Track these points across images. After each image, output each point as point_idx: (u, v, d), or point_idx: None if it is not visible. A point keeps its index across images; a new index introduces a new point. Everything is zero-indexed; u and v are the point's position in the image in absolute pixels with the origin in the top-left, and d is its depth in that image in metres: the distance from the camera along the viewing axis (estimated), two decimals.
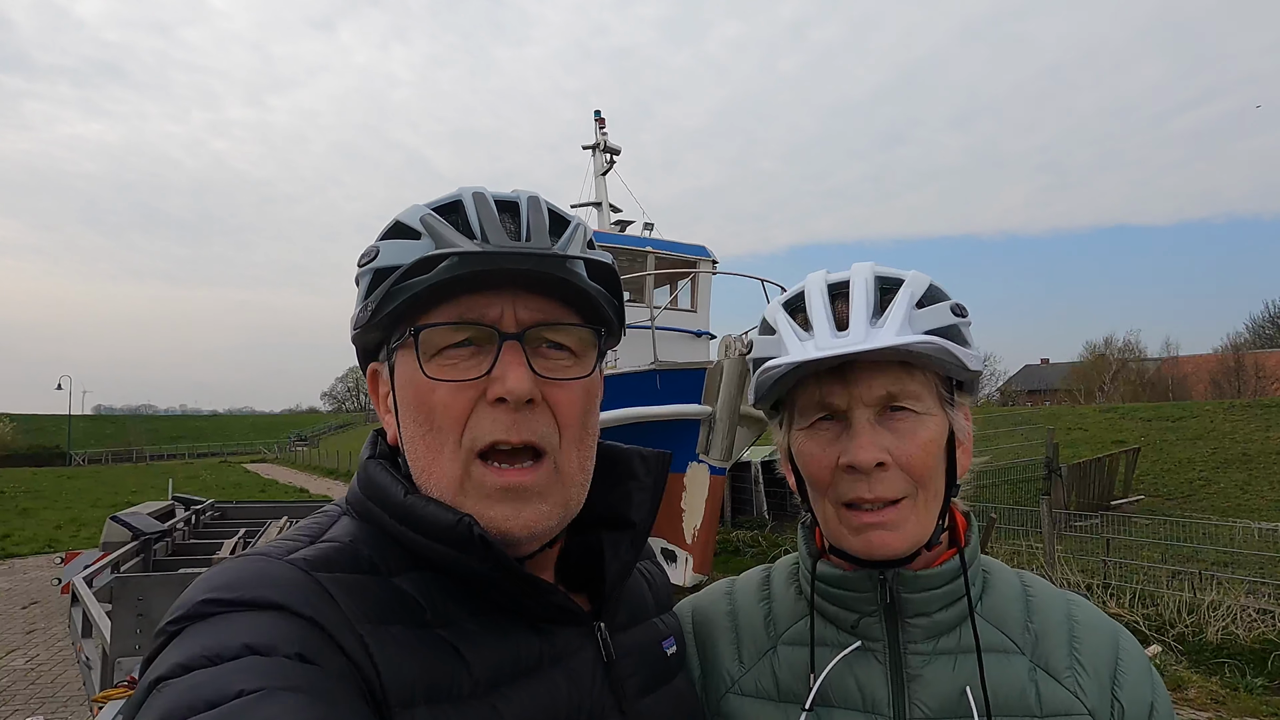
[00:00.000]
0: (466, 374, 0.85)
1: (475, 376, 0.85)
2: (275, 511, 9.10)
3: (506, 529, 0.85)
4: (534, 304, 0.88)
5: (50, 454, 64.26)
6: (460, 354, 0.86)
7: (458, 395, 0.85)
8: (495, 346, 0.86)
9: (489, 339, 0.86)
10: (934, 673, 1.00)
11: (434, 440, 0.86)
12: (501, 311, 0.86)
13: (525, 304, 0.87)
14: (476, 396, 0.85)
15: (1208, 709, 6.40)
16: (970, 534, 1.06)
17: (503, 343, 0.85)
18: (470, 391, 0.85)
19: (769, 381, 1.01)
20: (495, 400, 0.84)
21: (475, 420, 0.85)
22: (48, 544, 16.68)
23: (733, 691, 1.10)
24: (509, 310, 0.86)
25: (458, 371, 0.85)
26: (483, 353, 0.86)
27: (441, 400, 0.85)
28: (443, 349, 0.86)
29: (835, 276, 1.05)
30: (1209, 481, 16.40)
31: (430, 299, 0.85)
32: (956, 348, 0.97)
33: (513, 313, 0.87)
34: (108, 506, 19.49)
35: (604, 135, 15.66)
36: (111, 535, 6.82)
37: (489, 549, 0.82)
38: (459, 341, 0.86)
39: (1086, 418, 23.60)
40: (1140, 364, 50.13)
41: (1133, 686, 1.00)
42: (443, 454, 0.86)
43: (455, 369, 0.85)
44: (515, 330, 0.86)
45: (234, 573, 0.77)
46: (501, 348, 0.85)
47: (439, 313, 0.86)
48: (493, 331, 0.86)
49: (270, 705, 0.63)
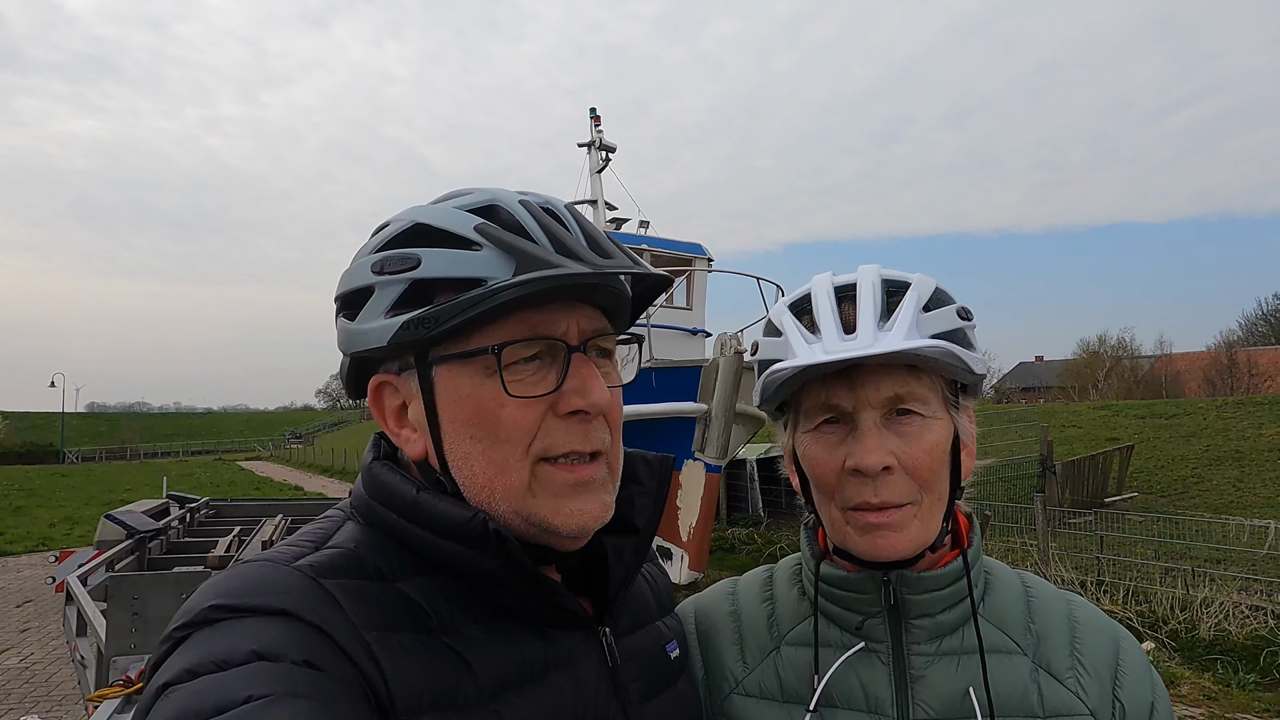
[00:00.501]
0: (536, 389, 0.85)
1: (547, 391, 0.85)
2: (270, 510, 9.06)
3: (581, 523, 0.87)
4: (591, 315, 0.90)
5: (44, 452, 63.99)
6: (528, 369, 0.85)
7: (528, 410, 0.85)
8: (560, 360, 0.86)
9: (552, 351, 0.86)
10: (937, 674, 1.00)
11: (498, 454, 0.85)
12: (567, 325, 0.87)
13: (585, 315, 0.89)
14: (546, 409, 0.85)
15: (1200, 705, 6.44)
16: (973, 535, 1.06)
17: (570, 355, 0.86)
18: (541, 406, 0.85)
19: (775, 384, 1.01)
20: (569, 413, 0.85)
21: (545, 432, 0.85)
22: (42, 542, 16.62)
23: (736, 692, 1.10)
24: (573, 323, 0.87)
25: (528, 386, 0.85)
26: (546, 366, 0.86)
27: (512, 416, 0.84)
28: (510, 364, 0.84)
29: (842, 279, 1.05)
30: (1202, 479, 16.48)
31: (495, 314, 0.82)
32: (963, 351, 0.97)
33: (576, 325, 0.87)
34: (102, 504, 19.44)
35: (599, 132, 15.64)
36: (106, 533, 6.78)
37: (503, 544, 0.82)
38: (529, 356, 0.85)
39: (1080, 415, 23.69)
40: (1134, 361, 50.33)
41: (1133, 687, 1.00)
42: (509, 465, 0.85)
43: (525, 384, 0.85)
44: (578, 343, 0.87)
45: (240, 579, 0.77)
46: (571, 360, 0.86)
47: (506, 328, 0.84)
48: (560, 344, 0.86)
49: (278, 711, 0.63)
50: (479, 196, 0.90)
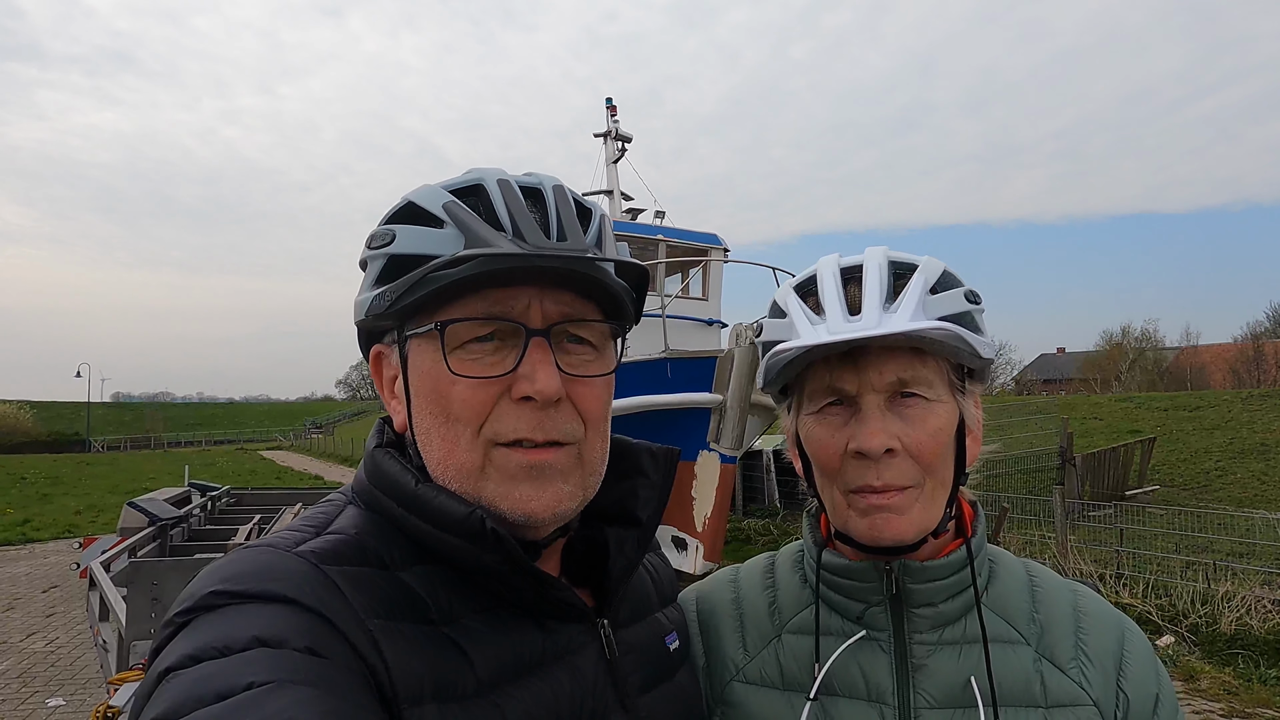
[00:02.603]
0: (490, 370, 0.83)
1: (500, 374, 0.83)
2: (290, 498, 9.18)
3: (530, 509, 0.84)
4: (561, 299, 0.86)
5: (70, 441, 65.02)
6: (484, 348, 0.84)
7: (480, 391, 0.83)
8: (520, 342, 0.84)
9: (514, 334, 0.84)
10: (939, 663, 0.99)
11: (450, 432, 0.84)
12: (528, 306, 0.84)
13: (552, 299, 0.85)
14: (500, 392, 0.84)
15: (1220, 700, 6.36)
16: (977, 524, 1.05)
17: (529, 339, 0.84)
18: (494, 388, 0.83)
19: (779, 365, 1.00)
20: (521, 398, 0.83)
21: (498, 415, 0.84)
22: (67, 529, 16.90)
23: (737, 679, 1.09)
24: (536, 305, 0.85)
25: (481, 367, 0.83)
26: (506, 348, 0.84)
27: (461, 395, 0.83)
28: (465, 342, 0.84)
29: (848, 260, 1.03)
30: (1225, 472, 16.26)
31: (456, 291, 0.83)
32: (970, 334, 0.96)
33: (540, 308, 0.85)
34: (125, 493, 19.69)
35: (615, 123, 15.60)
36: (129, 521, 6.91)
37: (500, 542, 0.81)
38: (483, 335, 0.84)
39: (1102, 407, 23.42)
40: (1157, 353, 49.66)
41: (1138, 678, 0.99)
42: (459, 444, 0.84)
43: (479, 364, 0.84)
44: (542, 326, 0.84)
45: (241, 565, 0.77)
46: (528, 345, 0.84)
47: (463, 306, 0.84)
48: (519, 327, 0.84)
49: (281, 697, 0.63)
50: (470, 176, 0.90)
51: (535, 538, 0.88)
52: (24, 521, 17.92)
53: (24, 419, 66.77)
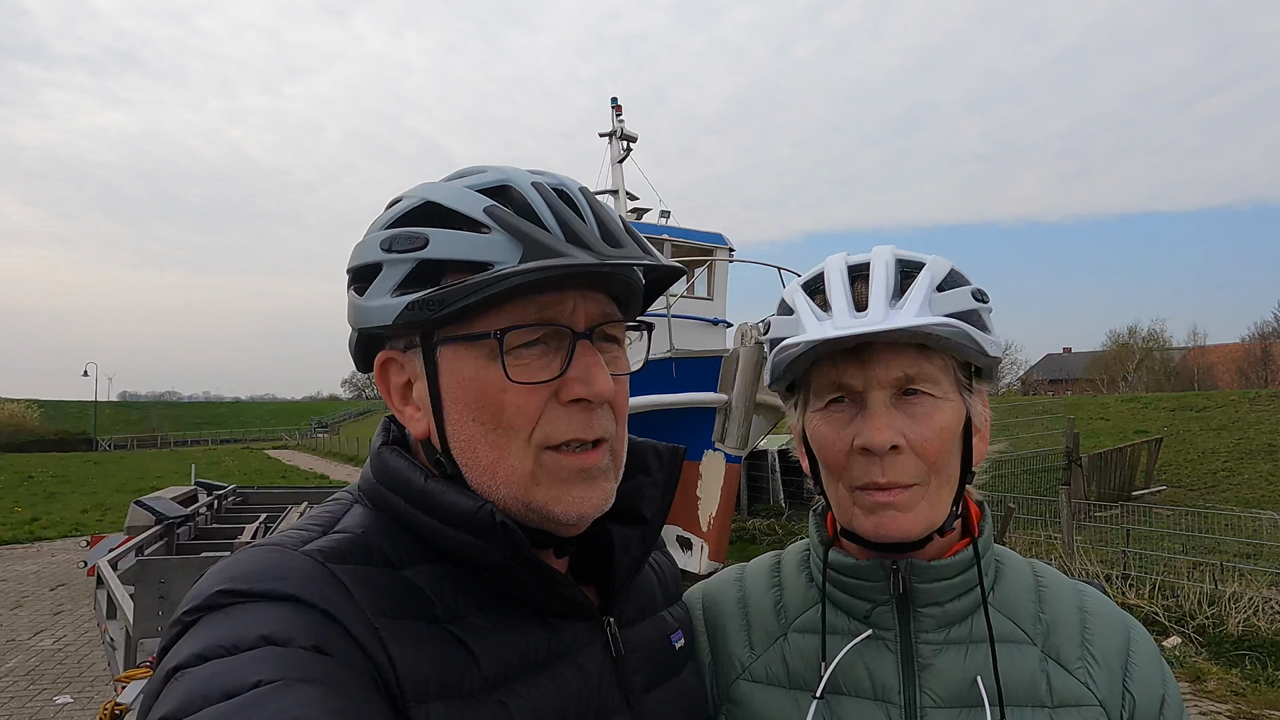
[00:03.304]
0: (541, 374, 0.83)
1: (550, 378, 0.84)
2: (296, 497, 9.20)
3: (582, 510, 0.86)
4: (598, 299, 0.88)
5: (77, 440, 65.23)
6: (531, 353, 0.84)
7: (531, 396, 0.83)
8: (563, 345, 0.84)
9: (557, 337, 0.85)
10: (945, 662, 0.99)
11: (500, 438, 0.84)
12: (574, 309, 0.85)
13: (592, 300, 0.87)
14: (549, 395, 0.84)
15: (1227, 701, 6.34)
16: (984, 524, 1.05)
17: (575, 342, 0.84)
18: (545, 392, 0.84)
19: (785, 361, 1.00)
20: (571, 400, 0.84)
21: (548, 419, 0.84)
22: (75, 528, 16.98)
23: (743, 678, 1.09)
24: (580, 308, 0.86)
25: (531, 372, 0.83)
26: (551, 351, 0.84)
27: (514, 401, 0.83)
28: (514, 348, 0.83)
29: (855, 258, 1.03)
30: (1233, 472, 16.18)
31: (506, 297, 0.81)
32: (976, 332, 0.96)
33: (583, 311, 0.86)
34: (132, 491, 19.77)
35: (621, 122, 15.59)
36: (136, 519, 6.92)
37: (509, 536, 0.81)
38: (530, 341, 0.84)
39: (1109, 407, 23.34)
40: (1164, 353, 49.48)
41: (1144, 678, 0.99)
42: (510, 450, 0.84)
43: (528, 369, 0.83)
44: (585, 328, 0.86)
45: (248, 564, 0.77)
46: (575, 347, 0.84)
47: (512, 312, 0.83)
48: (564, 330, 0.84)
49: (288, 696, 0.63)
50: (492, 176, 0.88)
51: (573, 534, 0.90)
52: (32, 520, 18.02)
53: (31, 418, 67.07)
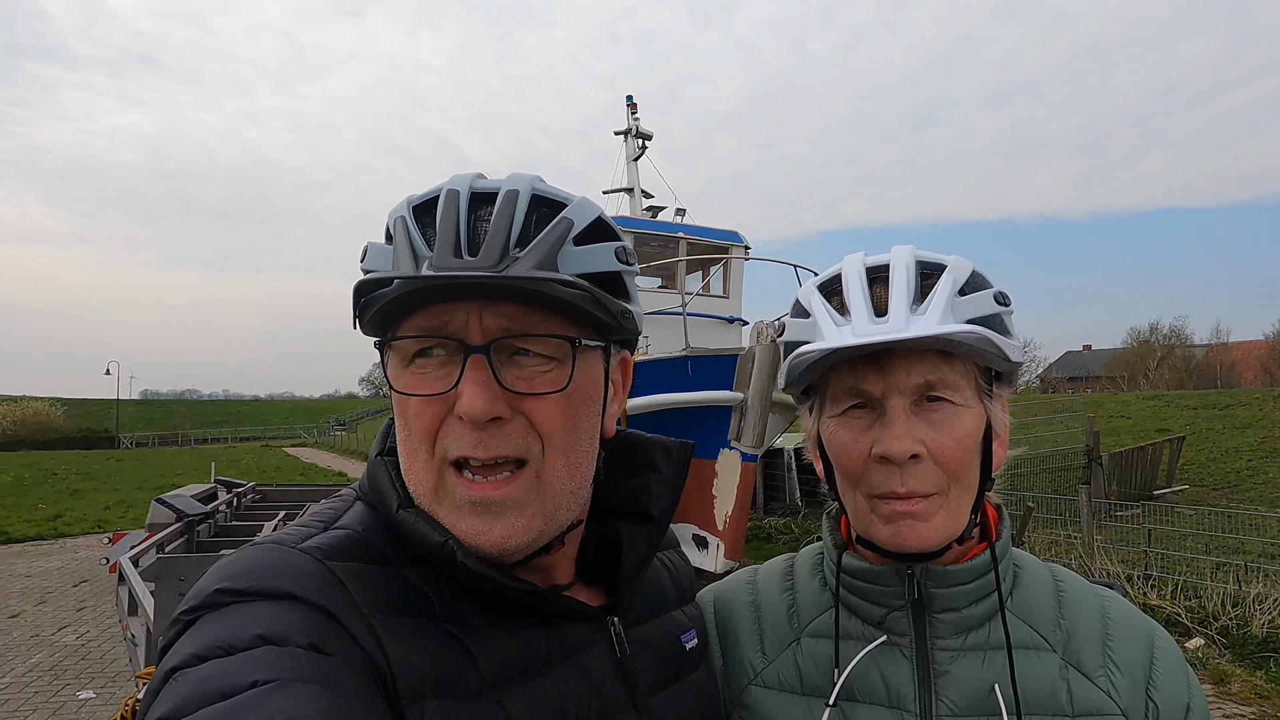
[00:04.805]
0: (434, 387, 0.82)
1: (443, 390, 0.81)
2: (314, 495, 9.26)
3: (476, 544, 0.81)
4: (503, 311, 0.81)
5: (99, 437, 66.10)
6: (430, 363, 0.82)
7: (426, 408, 0.82)
8: (462, 358, 0.81)
9: (457, 350, 0.82)
10: (961, 669, 0.97)
11: (411, 446, 0.84)
12: (466, 320, 0.81)
13: (493, 312, 0.81)
14: (446, 409, 0.81)
15: (1252, 704, 6.24)
16: (1002, 528, 1.03)
17: (467, 357, 0.80)
18: (439, 405, 0.82)
19: (801, 367, 0.98)
20: (459, 415, 0.81)
21: (445, 432, 0.82)
22: (97, 524, 17.16)
23: (755, 683, 1.08)
24: (475, 320, 0.81)
25: (426, 384, 0.82)
26: (451, 363, 0.82)
27: (414, 410, 0.83)
28: (414, 357, 0.83)
29: (874, 259, 1.01)
30: (1257, 471, 15.95)
31: (399, 308, 0.81)
32: (999, 338, 0.94)
33: (479, 322, 0.81)
34: (153, 489, 20.03)
35: (636, 120, 15.56)
36: (157, 517, 7.00)
37: (474, 575, 0.81)
38: (430, 351, 0.83)
39: (1129, 405, 23.06)
40: (1186, 350, 48.84)
41: (1168, 686, 0.97)
42: (418, 460, 0.84)
43: (425, 380, 0.82)
44: (481, 342, 0.80)
45: (247, 562, 0.77)
46: (466, 362, 0.80)
47: (408, 322, 0.83)
48: (458, 344, 0.81)
49: (285, 696, 0.63)
50: (439, 186, 0.87)
51: (504, 564, 0.84)
52: (56, 517, 18.24)
53: (55, 416, 68.10)
